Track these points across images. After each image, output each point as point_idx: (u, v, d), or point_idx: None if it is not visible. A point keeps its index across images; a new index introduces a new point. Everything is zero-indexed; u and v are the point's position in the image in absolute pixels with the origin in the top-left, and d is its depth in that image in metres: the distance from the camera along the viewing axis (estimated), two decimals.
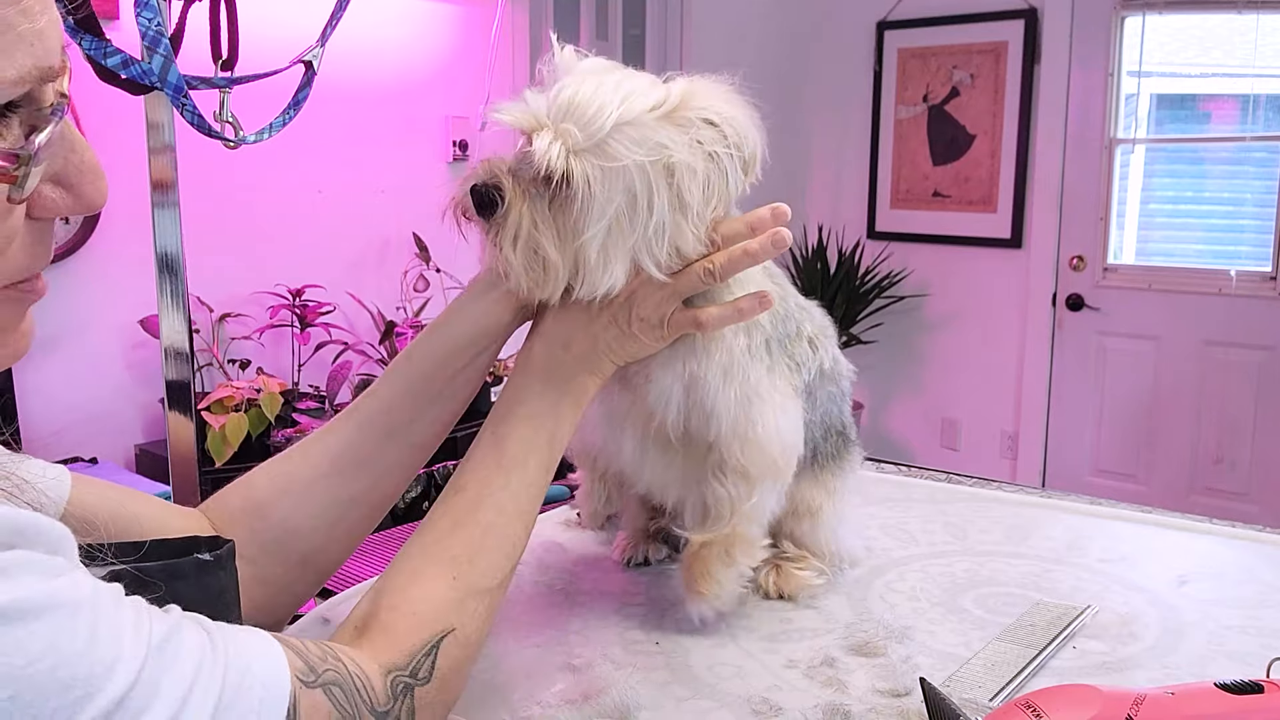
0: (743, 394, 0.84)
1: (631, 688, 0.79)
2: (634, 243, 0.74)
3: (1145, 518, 1.19)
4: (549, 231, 0.74)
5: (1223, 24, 3.78)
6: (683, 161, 0.74)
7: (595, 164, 0.72)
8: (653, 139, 0.73)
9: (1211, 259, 3.89)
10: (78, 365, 2.52)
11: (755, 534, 0.89)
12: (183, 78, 0.81)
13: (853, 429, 1.04)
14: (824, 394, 0.95)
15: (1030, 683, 0.80)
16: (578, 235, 0.74)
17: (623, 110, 0.73)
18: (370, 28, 2.96)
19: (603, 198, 0.73)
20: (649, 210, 0.74)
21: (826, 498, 0.99)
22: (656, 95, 0.75)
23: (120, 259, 2.51)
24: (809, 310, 0.95)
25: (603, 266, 0.75)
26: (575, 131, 0.73)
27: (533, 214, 0.74)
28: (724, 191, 0.76)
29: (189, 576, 0.56)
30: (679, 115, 0.75)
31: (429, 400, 0.81)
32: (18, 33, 0.42)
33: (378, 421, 0.81)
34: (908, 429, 4.64)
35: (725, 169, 0.76)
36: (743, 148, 0.77)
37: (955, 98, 4.28)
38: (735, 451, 0.85)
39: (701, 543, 0.88)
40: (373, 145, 3.08)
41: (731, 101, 0.78)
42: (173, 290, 1.04)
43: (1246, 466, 3.85)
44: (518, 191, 0.74)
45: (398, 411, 0.80)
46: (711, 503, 0.87)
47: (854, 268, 4.30)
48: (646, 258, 0.75)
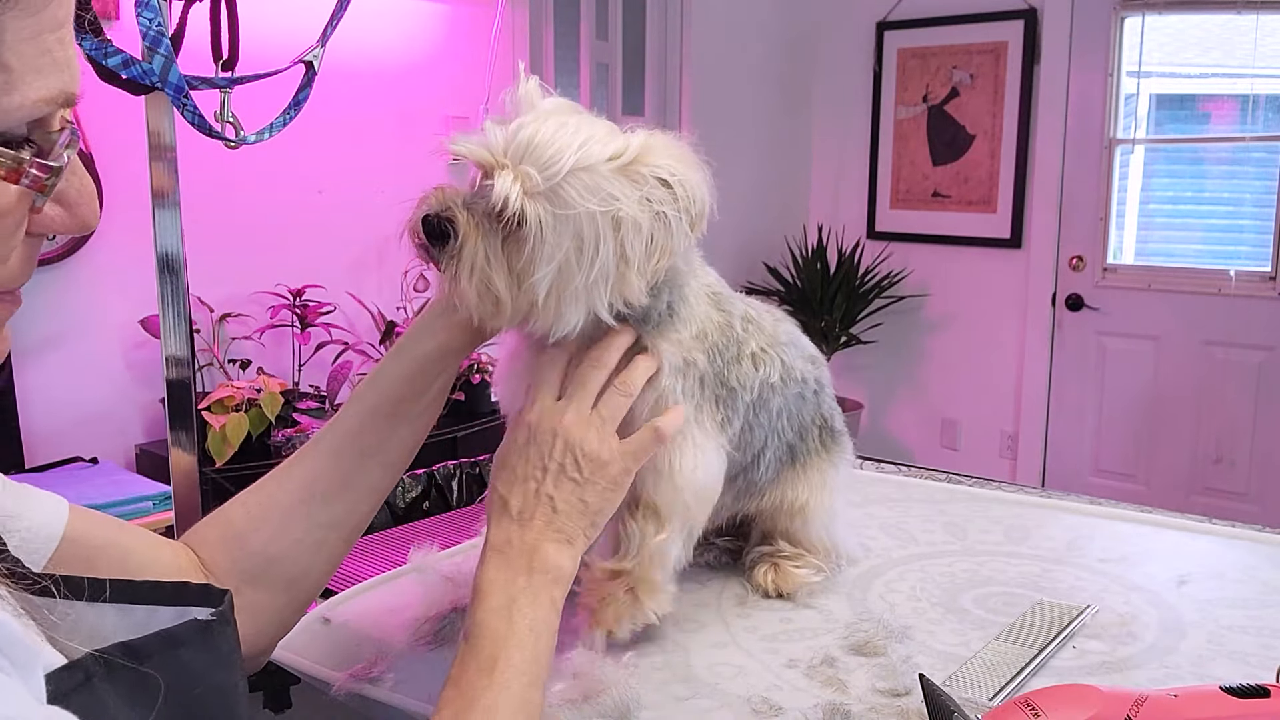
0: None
1: (631, 688, 0.79)
2: (580, 286, 0.76)
3: (1145, 518, 1.19)
4: (500, 268, 0.75)
5: (1222, 24, 3.78)
6: (630, 217, 0.75)
7: (548, 209, 0.74)
8: (605, 189, 0.75)
9: (1211, 259, 3.89)
10: (78, 365, 2.52)
11: (660, 579, 0.87)
12: (183, 78, 0.81)
13: (838, 419, 1.03)
14: (785, 397, 0.94)
15: (1030, 682, 0.80)
16: (528, 275, 0.75)
17: (580, 156, 0.74)
18: (371, 28, 2.96)
19: (553, 241, 0.74)
20: (594, 257, 0.75)
21: (813, 493, 0.99)
22: (615, 146, 0.77)
23: (120, 259, 2.51)
24: (757, 323, 0.93)
25: (554, 307, 0.76)
26: (534, 174, 0.74)
27: (485, 249, 0.75)
28: (667, 246, 0.78)
29: (193, 643, 0.53)
30: (633, 170, 0.76)
31: (398, 421, 0.82)
32: (54, 58, 0.46)
33: (349, 446, 0.82)
34: (907, 429, 4.64)
35: (671, 228, 0.77)
36: (691, 208, 0.78)
37: (955, 98, 4.28)
38: (649, 486, 0.85)
39: (607, 572, 0.87)
40: (373, 145, 3.08)
41: (686, 161, 0.79)
42: (173, 290, 1.04)
43: (1246, 466, 3.85)
44: (471, 225, 0.75)
45: (368, 434, 0.82)
46: (622, 536, 0.87)
47: (854, 268, 4.30)
48: (595, 301, 0.77)
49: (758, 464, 0.95)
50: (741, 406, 0.90)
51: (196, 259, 1.16)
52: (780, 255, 4.41)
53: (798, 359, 0.97)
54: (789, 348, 0.96)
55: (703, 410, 0.87)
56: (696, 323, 0.86)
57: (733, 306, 0.91)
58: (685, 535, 0.88)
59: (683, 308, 0.86)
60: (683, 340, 0.85)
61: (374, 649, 0.89)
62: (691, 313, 0.86)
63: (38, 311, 2.43)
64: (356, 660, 0.87)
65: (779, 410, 0.94)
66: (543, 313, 0.77)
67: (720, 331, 0.88)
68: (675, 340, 0.84)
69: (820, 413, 1.00)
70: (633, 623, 0.87)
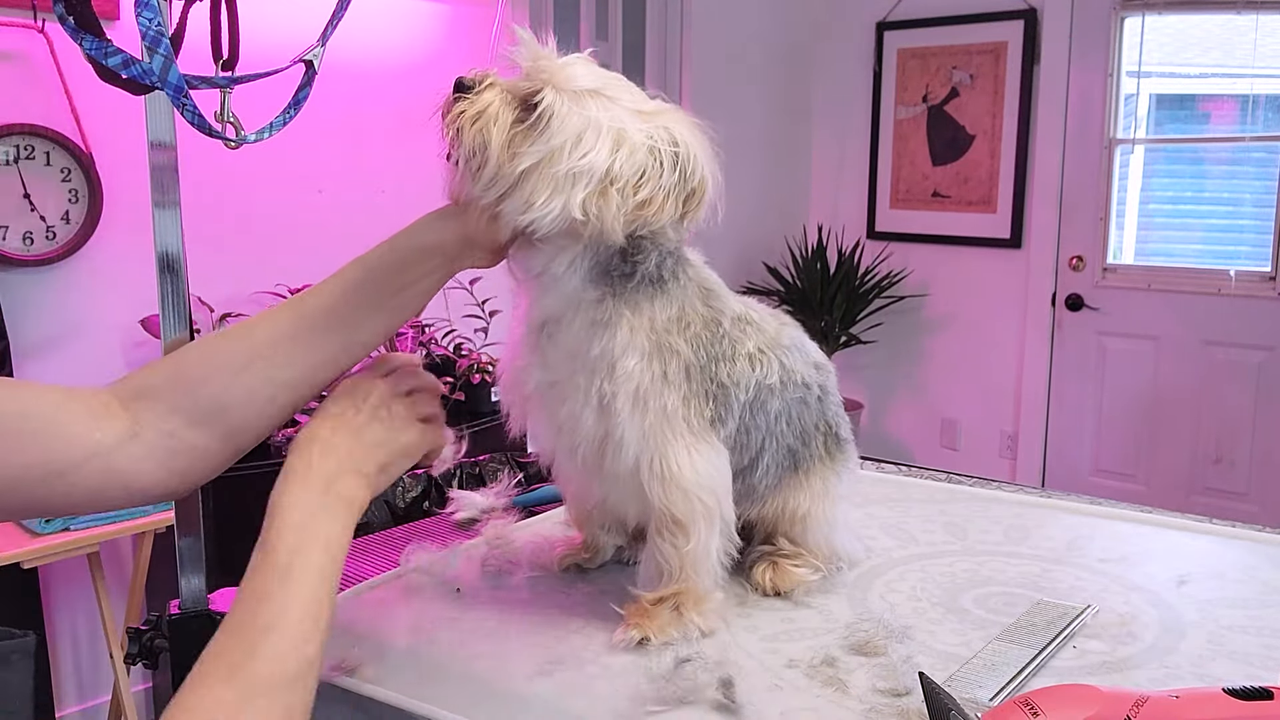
0: (655, 424, 0.85)
1: (631, 686, 0.79)
2: (561, 172, 0.79)
3: (1145, 518, 1.19)
4: (502, 130, 0.81)
5: (1222, 24, 3.78)
6: (631, 139, 0.81)
7: (564, 103, 0.80)
8: (619, 115, 0.82)
9: (1211, 259, 3.89)
10: (78, 365, 2.51)
11: (706, 586, 0.89)
12: (183, 77, 0.81)
13: (844, 427, 1.02)
14: (785, 401, 0.94)
15: (1030, 682, 0.80)
16: (521, 146, 0.80)
17: (611, 91, 0.82)
18: (371, 28, 2.96)
19: (556, 129, 0.79)
20: (586, 154, 0.80)
21: (814, 501, 0.98)
22: (642, 100, 0.84)
23: (120, 259, 2.51)
24: (756, 325, 0.94)
25: (531, 185, 0.80)
26: (567, 77, 0.82)
27: (498, 109, 0.81)
28: (656, 186, 0.81)
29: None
30: (650, 118, 0.83)
31: (373, 307, 0.85)
32: None
33: (321, 317, 0.85)
34: (907, 429, 4.64)
35: (664, 172, 0.82)
36: (690, 175, 0.83)
37: (955, 98, 4.28)
38: (658, 494, 0.86)
39: (654, 600, 0.88)
40: (373, 145, 3.08)
41: (700, 139, 0.85)
42: (173, 290, 1.04)
43: (1246, 466, 3.85)
44: (496, 90, 0.82)
45: (342, 309, 0.85)
46: (660, 560, 0.88)
47: (854, 268, 4.30)
48: (571, 196, 0.80)
49: (755, 467, 0.94)
50: (736, 406, 0.90)
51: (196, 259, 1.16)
52: (780, 255, 4.41)
53: (800, 363, 0.97)
54: (791, 351, 0.96)
55: (690, 405, 0.87)
56: (677, 306, 0.87)
57: (723, 305, 0.91)
58: (718, 532, 0.89)
59: (672, 284, 0.87)
60: (655, 319, 0.86)
61: (371, 648, 0.89)
62: (680, 293, 0.87)
63: (38, 311, 2.43)
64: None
65: (778, 414, 0.94)
66: (519, 188, 0.80)
67: (705, 325, 0.88)
68: (646, 317, 0.85)
69: (825, 419, 1.00)
70: (676, 634, 0.87)
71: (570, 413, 0.87)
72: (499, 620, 0.94)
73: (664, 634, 0.86)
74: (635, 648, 0.86)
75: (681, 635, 0.87)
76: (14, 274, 2.36)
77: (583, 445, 0.88)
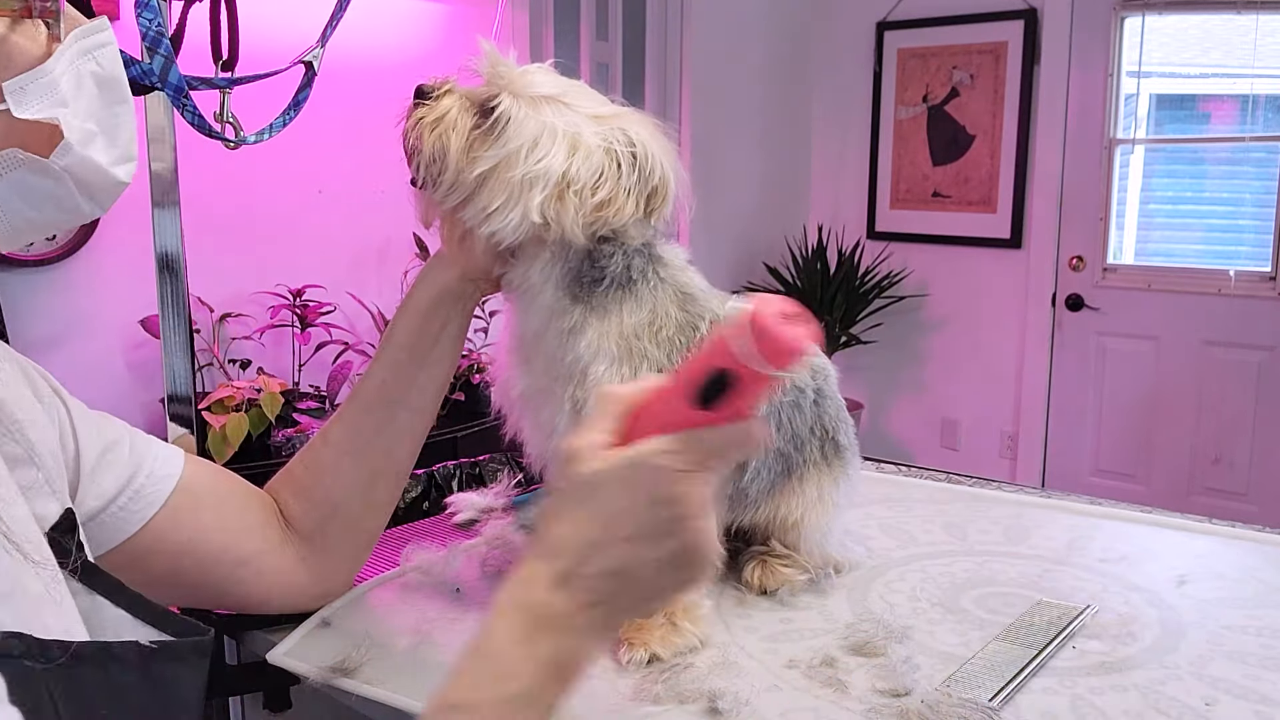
0: None
1: (631, 687, 0.79)
2: (517, 178, 0.81)
3: (1145, 518, 1.19)
4: (461, 136, 0.83)
5: (1222, 24, 3.78)
6: (587, 142, 0.83)
7: (520, 108, 0.82)
8: (575, 119, 0.84)
9: (1211, 259, 3.89)
10: (78, 365, 2.51)
11: (692, 594, 0.88)
12: (183, 78, 0.81)
13: (844, 432, 1.01)
14: (775, 404, 0.93)
15: (1030, 682, 0.80)
16: (479, 150, 0.82)
17: (569, 97, 0.85)
18: (371, 28, 2.96)
19: (512, 134, 0.82)
20: (541, 159, 0.81)
21: (808, 509, 0.97)
22: (601, 104, 0.86)
23: (120, 259, 2.51)
24: None
25: (489, 191, 0.82)
26: (526, 83, 0.84)
27: (457, 115, 0.84)
28: (615, 187, 0.83)
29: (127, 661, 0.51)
30: (608, 121, 0.85)
31: (417, 368, 0.91)
32: None
33: (377, 399, 0.91)
34: (907, 429, 4.64)
35: (622, 172, 0.83)
36: (649, 175, 0.85)
37: (955, 98, 4.28)
38: None
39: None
40: (373, 145, 3.07)
41: (659, 140, 0.86)
42: (173, 290, 1.04)
43: (1246, 466, 3.84)
44: (455, 97, 0.85)
45: (392, 386, 0.91)
46: None
47: (854, 268, 4.30)
48: (529, 201, 0.81)
49: (743, 471, 0.94)
50: None
51: (196, 259, 1.16)
52: (780, 255, 4.41)
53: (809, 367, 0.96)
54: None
55: None
56: (648, 309, 0.87)
57: (702, 309, 0.90)
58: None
59: (642, 286, 0.87)
60: (623, 324, 0.86)
61: (371, 648, 0.89)
62: (651, 296, 0.88)
63: (38, 311, 2.43)
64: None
65: (766, 417, 0.93)
66: (478, 194, 0.82)
67: (679, 328, 0.88)
68: (615, 322, 0.86)
69: (820, 424, 0.98)
70: (675, 647, 0.86)
71: (549, 419, 0.89)
72: None
73: (667, 646, 0.86)
74: (647, 666, 0.85)
75: (685, 645, 0.87)
76: (14, 274, 2.36)
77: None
